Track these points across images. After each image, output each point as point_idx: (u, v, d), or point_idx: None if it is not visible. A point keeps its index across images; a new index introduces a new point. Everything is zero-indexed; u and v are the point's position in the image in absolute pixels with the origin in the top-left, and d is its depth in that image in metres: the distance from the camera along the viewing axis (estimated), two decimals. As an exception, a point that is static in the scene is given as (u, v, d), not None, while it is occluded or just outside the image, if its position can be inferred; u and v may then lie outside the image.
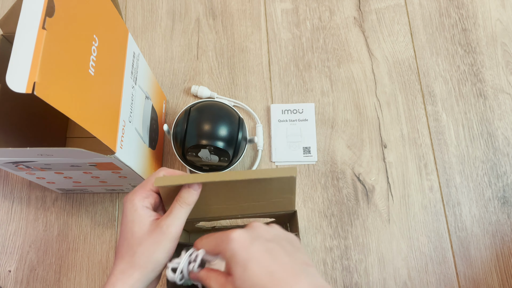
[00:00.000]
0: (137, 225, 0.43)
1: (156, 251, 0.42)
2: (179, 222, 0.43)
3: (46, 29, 0.37)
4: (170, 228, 0.42)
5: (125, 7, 0.80)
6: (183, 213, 0.43)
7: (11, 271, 0.65)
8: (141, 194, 0.44)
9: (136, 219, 0.43)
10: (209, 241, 0.41)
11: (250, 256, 0.37)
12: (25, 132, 0.59)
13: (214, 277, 0.40)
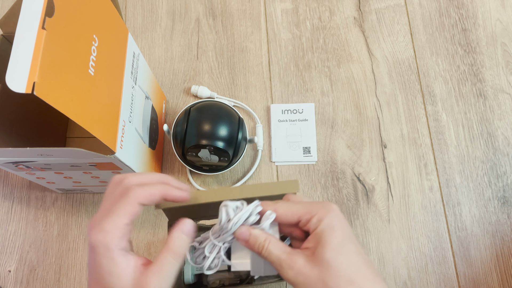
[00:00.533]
0: (117, 280, 0.34)
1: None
2: (171, 279, 0.35)
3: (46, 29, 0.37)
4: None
5: (125, 7, 0.80)
6: (175, 268, 0.36)
7: (11, 271, 0.65)
8: (115, 233, 0.35)
9: (114, 271, 0.34)
10: (293, 206, 0.37)
11: (347, 236, 0.35)
12: (25, 132, 0.59)
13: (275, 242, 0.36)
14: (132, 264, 0.35)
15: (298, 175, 0.69)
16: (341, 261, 0.34)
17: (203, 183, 0.69)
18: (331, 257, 0.34)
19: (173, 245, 0.36)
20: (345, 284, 0.33)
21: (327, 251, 0.34)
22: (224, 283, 0.62)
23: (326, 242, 0.34)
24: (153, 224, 0.66)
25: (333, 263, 0.34)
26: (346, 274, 0.34)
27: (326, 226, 0.35)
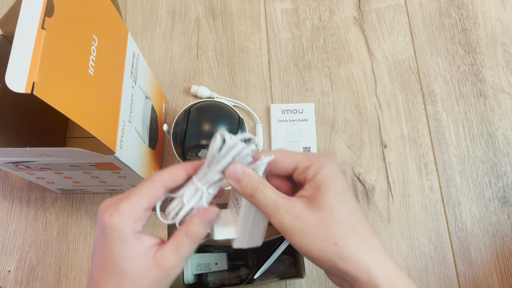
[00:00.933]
0: (129, 263, 0.33)
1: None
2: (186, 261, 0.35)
3: (46, 29, 0.37)
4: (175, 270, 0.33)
5: (125, 7, 0.79)
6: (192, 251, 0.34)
7: (11, 271, 0.65)
8: (130, 216, 0.33)
9: (127, 254, 0.33)
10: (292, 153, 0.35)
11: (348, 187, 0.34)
12: (24, 132, 0.59)
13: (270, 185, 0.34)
14: (146, 245, 0.33)
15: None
16: (343, 209, 0.33)
17: (203, 183, 0.68)
18: (333, 204, 0.33)
19: (192, 229, 0.34)
20: (348, 232, 0.32)
21: (329, 197, 0.33)
22: (224, 283, 0.62)
23: (327, 189, 0.33)
24: (153, 224, 0.66)
25: (335, 209, 0.33)
26: (349, 223, 0.33)
27: (327, 174, 0.33)
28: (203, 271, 0.61)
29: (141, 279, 0.33)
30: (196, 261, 0.61)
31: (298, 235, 0.32)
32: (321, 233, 0.32)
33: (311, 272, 0.64)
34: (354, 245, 0.32)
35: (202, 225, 0.34)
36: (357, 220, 0.33)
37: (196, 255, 0.61)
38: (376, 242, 0.33)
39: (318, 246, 0.32)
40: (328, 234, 0.32)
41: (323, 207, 0.32)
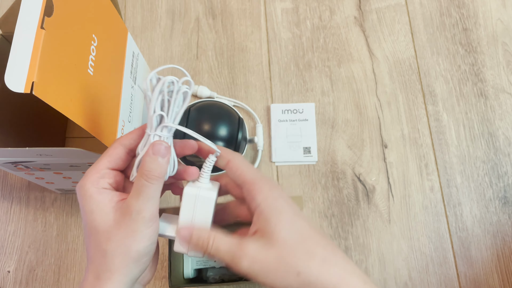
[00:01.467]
0: (98, 217, 0.34)
1: (133, 242, 0.33)
2: (152, 203, 0.34)
3: (45, 28, 0.36)
4: (142, 213, 0.33)
5: (125, 7, 0.79)
6: (154, 190, 0.34)
7: (10, 272, 0.65)
8: (93, 175, 0.35)
9: (95, 209, 0.34)
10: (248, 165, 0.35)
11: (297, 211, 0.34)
12: (24, 132, 0.59)
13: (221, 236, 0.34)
14: (113, 198, 0.34)
15: (298, 175, 0.69)
16: (296, 236, 0.33)
17: (203, 183, 0.68)
18: (286, 235, 0.32)
19: (144, 168, 0.34)
20: (307, 258, 0.32)
21: (280, 230, 0.32)
22: (224, 278, 0.62)
23: (277, 221, 0.33)
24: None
25: (289, 240, 0.32)
26: (305, 248, 0.33)
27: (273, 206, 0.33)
28: (203, 266, 0.61)
29: (113, 230, 0.33)
30: (196, 255, 0.61)
31: (260, 276, 0.32)
32: (282, 268, 0.32)
33: (311, 273, 0.64)
34: (316, 269, 0.32)
35: (152, 159, 0.34)
36: (313, 242, 0.33)
37: None
38: (337, 258, 0.33)
39: (282, 281, 0.32)
40: (288, 266, 0.32)
41: (276, 241, 0.32)
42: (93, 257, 0.34)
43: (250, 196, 0.34)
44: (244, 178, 0.35)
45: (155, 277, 0.64)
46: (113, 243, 0.33)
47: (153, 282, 0.64)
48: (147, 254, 0.35)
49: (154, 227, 0.34)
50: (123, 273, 0.34)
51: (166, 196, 0.67)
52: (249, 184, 0.35)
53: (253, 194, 0.34)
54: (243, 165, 0.36)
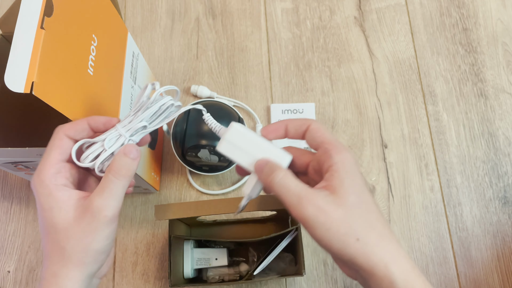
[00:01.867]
0: (57, 214, 0.34)
1: (92, 241, 0.33)
2: (115, 202, 0.34)
3: (45, 28, 0.36)
4: (104, 211, 0.33)
5: (125, 7, 0.79)
6: (119, 188, 0.34)
7: (10, 272, 0.65)
8: (49, 170, 0.34)
9: (54, 206, 0.34)
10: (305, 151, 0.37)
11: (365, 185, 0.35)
12: (24, 132, 0.59)
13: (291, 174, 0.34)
14: (74, 196, 0.34)
15: (298, 175, 0.68)
16: (363, 206, 0.34)
17: (202, 183, 0.68)
18: (355, 201, 0.33)
19: (114, 165, 0.35)
20: (368, 228, 0.33)
21: (351, 194, 0.33)
22: (223, 278, 0.62)
23: (350, 185, 0.33)
24: (152, 225, 0.66)
25: (357, 206, 0.33)
26: (368, 219, 0.33)
27: (349, 169, 0.34)
28: (203, 266, 0.61)
29: (73, 228, 0.33)
30: (196, 256, 0.61)
31: (320, 229, 0.32)
32: (344, 228, 0.32)
33: (311, 272, 0.64)
34: (374, 241, 0.33)
35: (123, 158, 0.35)
36: (375, 217, 0.34)
37: (197, 250, 0.61)
38: (392, 238, 0.34)
39: (340, 240, 0.32)
40: (351, 229, 0.32)
41: (346, 203, 0.33)
42: (50, 254, 0.34)
43: (327, 154, 0.35)
44: (323, 139, 0.36)
45: (155, 277, 0.64)
46: (72, 240, 0.33)
47: (153, 282, 0.64)
48: (105, 252, 0.35)
49: (114, 226, 0.35)
50: (81, 271, 0.34)
51: (166, 196, 0.67)
52: (328, 144, 0.35)
53: (331, 152, 0.35)
54: (323, 128, 0.37)
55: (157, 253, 0.65)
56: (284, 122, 0.38)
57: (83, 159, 0.36)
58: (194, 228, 0.66)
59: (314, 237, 0.33)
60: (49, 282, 0.34)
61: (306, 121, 0.37)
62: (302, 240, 0.57)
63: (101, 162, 0.36)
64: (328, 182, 0.34)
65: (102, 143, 0.37)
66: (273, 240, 0.59)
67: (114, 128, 0.37)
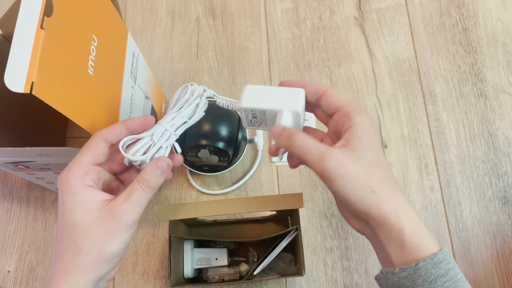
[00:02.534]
0: (79, 213, 0.34)
1: (110, 243, 0.34)
2: (139, 209, 0.36)
3: (45, 28, 0.36)
4: (126, 216, 0.35)
5: (125, 7, 0.79)
6: (145, 199, 0.36)
7: (10, 272, 0.65)
8: (77, 171, 0.35)
9: (77, 205, 0.34)
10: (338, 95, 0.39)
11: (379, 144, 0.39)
12: (24, 132, 0.59)
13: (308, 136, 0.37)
14: (98, 198, 0.35)
15: (298, 175, 0.69)
16: (379, 163, 0.36)
17: (203, 183, 0.68)
18: (372, 157, 0.36)
19: (143, 176, 0.36)
20: (383, 182, 0.36)
21: (368, 151, 0.36)
22: (223, 278, 0.62)
23: (367, 144, 0.36)
24: (152, 225, 0.66)
25: (373, 162, 0.36)
26: (383, 174, 0.36)
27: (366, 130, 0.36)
28: (203, 266, 0.61)
29: (92, 228, 0.34)
30: (196, 255, 0.61)
31: (339, 181, 0.35)
32: (361, 181, 0.35)
33: (311, 272, 0.64)
34: (387, 194, 0.35)
35: (153, 172, 0.37)
36: (389, 174, 0.37)
37: (197, 249, 0.61)
38: (402, 193, 0.37)
39: (357, 192, 0.35)
40: (367, 182, 0.35)
41: (363, 158, 0.35)
42: (64, 252, 0.34)
43: (347, 116, 0.37)
44: (341, 103, 0.38)
45: (155, 277, 0.64)
46: (90, 240, 0.34)
47: (153, 282, 0.64)
48: (119, 255, 0.36)
49: (131, 232, 0.36)
50: (93, 271, 0.34)
51: (166, 196, 0.67)
52: (347, 107, 0.38)
53: (351, 115, 0.37)
54: (339, 94, 0.39)
55: (157, 253, 0.65)
56: (302, 82, 0.40)
57: (133, 153, 0.38)
58: (194, 228, 0.66)
59: (333, 189, 0.36)
60: (59, 280, 0.34)
61: (322, 86, 0.39)
62: (302, 240, 0.57)
63: (152, 155, 0.38)
64: (347, 140, 0.36)
65: (151, 137, 0.39)
66: (273, 240, 0.59)
67: (159, 124, 0.40)
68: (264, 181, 0.69)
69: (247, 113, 0.40)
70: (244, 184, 0.68)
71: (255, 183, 0.68)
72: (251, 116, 0.41)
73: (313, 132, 0.43)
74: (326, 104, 0.39)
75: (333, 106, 0.39)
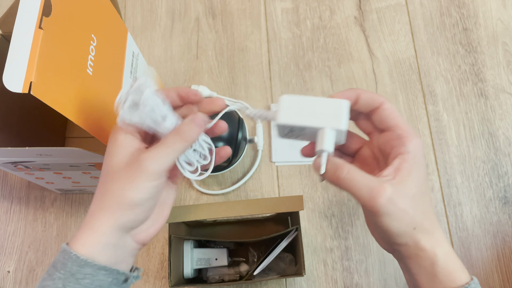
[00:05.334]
0: (115, 157, 0.35)
1: (128, 189, 0.34)
2: (166, 159, 0.34)
3: (43, 28, 0.36)
4: (149, 162, 0.34)
5: (125, 6, 0.79)
6: (175, 149, 0.35)
7: (10, 272, 0.65)
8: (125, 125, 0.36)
9: (114, 151, 0.35)
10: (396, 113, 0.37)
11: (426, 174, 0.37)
12: (24, 132, 0.59)
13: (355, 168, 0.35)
14: (135, 145, 0.35)
15: (298, 175, 0.68)
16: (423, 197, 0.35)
17: (203, 183, 0.68)
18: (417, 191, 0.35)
19: (180, 130, 0.35)
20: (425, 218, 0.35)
21: (416, 185, 0.35)
22: (223, 278, 0.62)
23: (416, 177, 0.35)
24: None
25: (419, 198, 0.35)
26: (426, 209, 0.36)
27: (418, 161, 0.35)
28: (203, 266, 0.61)
29: (120, 172, 0.34)
30: (196, 256, 0.61)
31: (386, 217, 0.34)
32: (407, 219, 0.34)
33: (311, 273, 0.64)
34: (427, 229, 0.35)
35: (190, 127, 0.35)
36: (430, 206, 0.36)
37: (197, 250, 0.61)
38: (439, 224, 0.37)
39: (400, 229, 0.34)
40: (412, 220, 0.34)
41: (410, 192, 0.35)
42: (96, 196, 0.35)
43: (400, 140, 0.36)
44: (396, 122, 0.36)
45: (155, 277, 0.64)
46: (115, 184, 0.34)
47: (153, 282, 0.64)
48: (141, 206, 0.35)
49: (155, 184, 0.35)
50: (113, 217, 0.34)
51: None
52: (401, 130, 0.36)
53: (404, 140, 0.36)
54: (396, 110, 0.37)
55: (157, 253, 0.65)
56: (357, 91, 0.37)
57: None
58: (194, 228, 0.66)
59: (376, 222, 0.35)
60: (85, 222, 0.35)
61: (378, 97, 0.37)
62: (302, 240, 0.57)
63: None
64: (396, 170, 0.35)
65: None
66: (273, 240, 0.59)
67: None
68: (264, 181, 0.68)
69: (284, 127, 0.37)
70: (244, 184, 0.68)
71: (255, 183, 0.68)
72: (288, 130, 0.37)
73: (351, 137, 0.41)
74: (379, 119, 0.37)
75: (387, 123, 0.37)
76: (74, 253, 0.33)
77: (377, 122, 0.38)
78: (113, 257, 0.35)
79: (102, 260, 0.34)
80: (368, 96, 0.37)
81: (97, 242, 0.34)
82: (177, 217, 0.51)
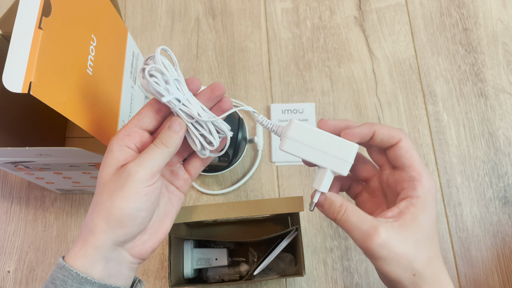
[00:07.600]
0: (106, 169, 0.35)
1: (116, 200, 0.33)
2: (151, 164, 0.34)
3: (43, 28, 0.36)
4: (136, 169, 0.34)
5: (125, 6, 0.79)
6: (158, 154, 0.35)
7: (10, 272, 0.65)
8: (121, 132, 0.36)
9: (108, 162, 0.35)
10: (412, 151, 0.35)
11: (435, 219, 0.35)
12: (24, 132, 0.59)
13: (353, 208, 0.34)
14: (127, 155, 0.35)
15: (298, 175, 0.68)
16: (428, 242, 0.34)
17: (203, 183, 0.68)
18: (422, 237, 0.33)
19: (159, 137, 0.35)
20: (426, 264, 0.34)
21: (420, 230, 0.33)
22: (223, 278, 0.62)
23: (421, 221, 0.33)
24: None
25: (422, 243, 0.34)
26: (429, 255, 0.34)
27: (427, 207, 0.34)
28: (203, 266, 0.61)
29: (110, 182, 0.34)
30: (196, 256, 0.61)
31: (381, 261, 0.33)
32: (404, 264, 0.33)
33: (311, 273, 0.64)
34: (429, 276, 0.34)
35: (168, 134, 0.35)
36: (435, 249, 0.35)
37: (197, 250, 0.61)
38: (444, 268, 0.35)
39: (397, 274, 0.33)
40: (410, 266, 0.33)
41: (411, 239, 0.33)
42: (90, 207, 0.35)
43: (411, 183, 0.35)
44: (411, 163, 0.35)
45: (155, 277, 0.64)
46: (105, 195, 0.34)
47: (153, 282, 0.64)
48: (132, 217, 0.34)
49: (145, 192, 0.34)
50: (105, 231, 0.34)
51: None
52: (415, 172, 0.35)
53: (416, 184, 0.34)
54: (413, 149, 0.36)
55: (157, 253, 0.65)
56: (374, 126, 0.36)
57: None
58: (194, 228, 0.66)
59: (374, 265, 0.34)
60: (80, 235, 0.35)
61: (397, 134, 0.35)
62: (302, 240, 0.57)
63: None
64: (400, 213, 0.34)
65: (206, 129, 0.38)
66: (273, 240, 0.59)
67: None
68: (264, 181, 0.68)
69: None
70: (244, 184, 0.68)
71: (255, 183, 0.68)
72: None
73: (363, 163, 0.39)
74: (394, 156, 0.36)
75: (401, 162, 0.36)
76: (75, 270, 0.33)
77: (391, 158, 0.36)
78: (105, 270, 0.35)
79: (95, 274, 0.34)
80: (386, 133, 0.36)
81: (89, 256, 0.34)
82: (177, 217, 0.51)
